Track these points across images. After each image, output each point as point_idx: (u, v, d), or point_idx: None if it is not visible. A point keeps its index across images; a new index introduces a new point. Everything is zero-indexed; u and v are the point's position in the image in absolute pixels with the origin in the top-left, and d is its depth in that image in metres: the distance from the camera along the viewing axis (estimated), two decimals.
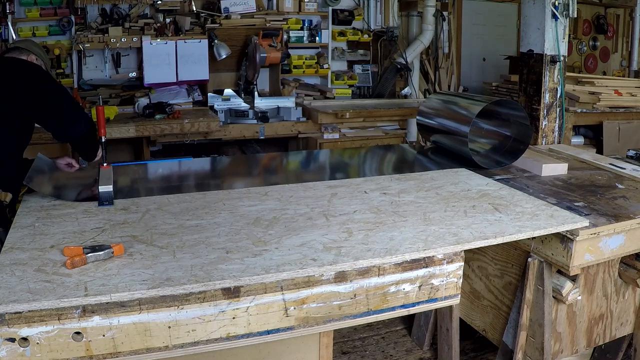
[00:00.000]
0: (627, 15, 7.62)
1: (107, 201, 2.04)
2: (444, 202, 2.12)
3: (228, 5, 4.74)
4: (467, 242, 1.76)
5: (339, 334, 2.92)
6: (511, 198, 2.19)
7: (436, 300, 1.74)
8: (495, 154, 2.86)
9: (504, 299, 2.36)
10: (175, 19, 4.61)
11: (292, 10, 5.07)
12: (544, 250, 2.09)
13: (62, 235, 1.74)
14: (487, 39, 6.85)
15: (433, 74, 6.04)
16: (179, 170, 2.90)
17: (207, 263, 1.56)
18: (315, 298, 1.56)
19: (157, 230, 1.79)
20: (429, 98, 3.39)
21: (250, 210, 1.99)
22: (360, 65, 5.58)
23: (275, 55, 4.72)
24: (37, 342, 1.34)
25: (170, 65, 4.52)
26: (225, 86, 4.90)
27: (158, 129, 4.01)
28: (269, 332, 1.54)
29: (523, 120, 2.76)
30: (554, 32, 3.08)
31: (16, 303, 1.32)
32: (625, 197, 2.30)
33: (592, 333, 2.38)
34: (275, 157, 3.59)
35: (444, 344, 2.63)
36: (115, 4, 4.47)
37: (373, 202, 2.11)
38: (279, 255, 1.62)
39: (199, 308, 1.44)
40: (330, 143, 4.47)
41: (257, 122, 4.42)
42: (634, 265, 2.28)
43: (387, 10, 5.49)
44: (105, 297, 1.37)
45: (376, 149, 3.66)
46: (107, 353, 1.40)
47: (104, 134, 2.41)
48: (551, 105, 3.20)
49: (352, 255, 1.63)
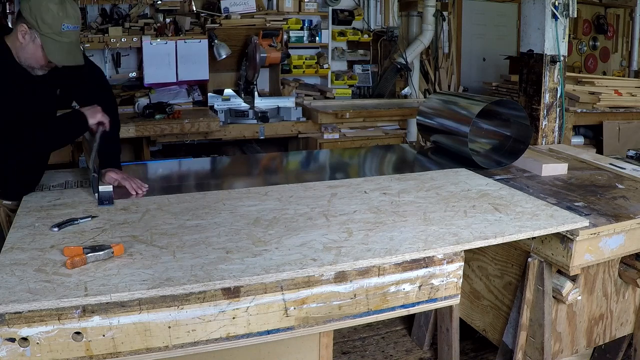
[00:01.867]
0: (627, 15, 7.62)
1: (107, 201, 2.04)
2: (444, 202, 2.12)
3: (228, 5, 4.73)
4: (467, 242, 1.76)
5: (339, 334, 2.92)
6: (511, 198, 2.19)
7: (436, 300, 1.74)
8: (495, 154, 2.86)
9: (504, 299, 2.36)
10: (175, 19, 4.60)
11: (292, 10, 5.06)
12: (544, 250, 2.09)
13: (62, 235, 1.74)
14: (487, 39, 6.85)
15: (433, 74, 6.04)
16: (179, 170, 2.91)
17: (207, 263, 1.56)
18: (315, 298, 1.56)
19: (157, 230, 1.79)
20: (429, 98, 3.39)
21: (250, 210, 1.99)
22: (360, 65, 5.58)
23: (275, 55, 4.72)
24: (37, 342, 1.34)
25: (170, 65, 4.51)
26: (225, 86, 4.90)
27: (158, 129, 4.01)
28: (269, 332, 1.54)
29: (523, 120, 2.76)
30: (554, 32, 3.08)
31: (16, 303, 1.32)
32: (625, 197, 2.30)
33: (592, 333, 2.38)
34: (275, 157, 3.59)
35: (444, 344, 2.63)
36: (115, 4, 4.46)
37: (373, 202, 2.11)
38: (279, 255, 1.62)
39: (199, 308, 1.44)
40: (330, 143, 4.47)
41: (257, 122, 4.42)
42: (634, 265, 2.28)
43: (387, 10, 5.49)
44: (105, 297, 1.37)
45: (376, 149, 3.66)
46: (107, 353, 1.40)
47: None
48: (551, 105, 3.20)
49: (352, 255, 1.63)
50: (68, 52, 1.91)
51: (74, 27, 1.89)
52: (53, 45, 1.88)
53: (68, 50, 1.91)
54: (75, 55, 1.95)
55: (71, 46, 1.91)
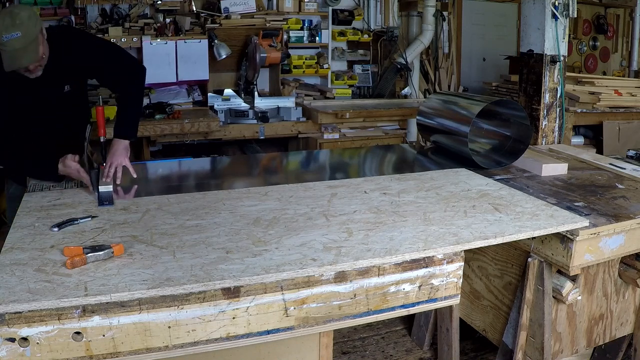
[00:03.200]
0: (627, 15, 7.62)
1: (107, 201, 2.04)
2: (444, 202, 2.12)
3: (228, 5, 4.74)
4: (467, 242, 1.76)
5: (339, 334, 2.92)
6: (511, 198, 2.19)
7: (436, 300, 1.74)
8: (495, 154, 2.86)
9: (504, 299, 2.36)
10: (175, 19, 4.61)
11: (292, 10, 5.06)
12: (544, 250, 2.09)
13: (62, 235, 1.74)
14: (487, 39, 6.85)
15: (433, 74, 6.04)
16: (179, 170, 2.91)
17: (207, 263, 1.56)
18: (315, 298, 1.56)
19: (157, 230, 1.79)
20: (429, 98, 3.39)
21: (250, 210, 1.99)
22: (360, 65, 5.58)
23: (275, 55, 4.72)
24: (37, 342, 1.34)
25: (170, 65, 4.51)
26: (225, 86, 4.90)
27: (158, 129, 4.01)
28: (269, 332, 1.54)
29: (523, 120, 2.76)
30: (554, 32, 3.08)
31: (16, 303, 1.32)
32: (625, 197, 2.30)
33: (592, 333, 2.38)
34: (275, 157, 3.59)
35: (444, 344, 2.63)
36: (115, 4, 4.46)
37: (373, 202, 2.11)
38: (279, 255, 1.62)
39: (199, 308, 1.44)
40: (330, 143, 4.47)
41: (257, 122, 4.42)
42: (634, 265, 2.28)
43: (387, 10, 5.49)
44: (105, 297, 1.37)
45: (376, 149, 3.66)
46: (107, 353, 1.40)
47: (104, 134, 2.43)
48: (551, 105, 3.20)
49: (352, 255, 1.63)
50: (11, 59, 2.07)
51: (13, 35, 2.03)
52: (3, 54, 2.07)
53: (11, 57, 2.07)
54: (23, 59, 2.09)
55: (14, 53, 2.06)
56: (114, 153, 2.33)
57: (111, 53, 2.43)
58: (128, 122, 2.42)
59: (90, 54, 2.36)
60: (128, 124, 2.42)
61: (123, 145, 2.35)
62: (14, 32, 2.02)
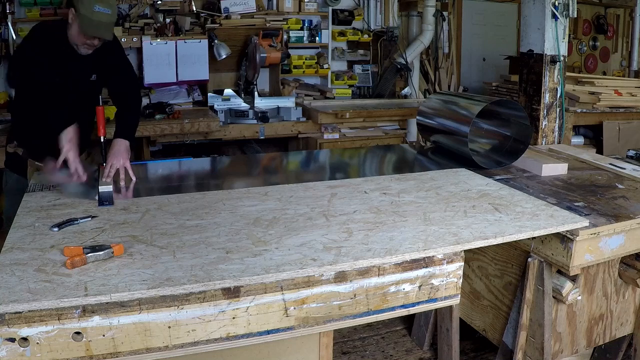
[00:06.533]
0: (627, 15, 7.62)
1: (107, 201, 2.04)
2: (444, 202, 2.12)
3: (228, 5, 4.73)
4: (467, 242, 1.76)
5: (339, 334, 2.92)
6: (511, 198, 2.19)
7: (436, 300, 1.74)
8: (495, 154, 2.86)
9: (504, 299, 2.36)
10: (175, 19, 4.60)
11: (292, 10, 5.06)
12: (544, 250, 2.09)
13: (62, 235, 1.74)
14: (487, 39, 6.85)
15: (433, 74, 6.04)
16: (179, 170, 2.91)
17: (207, 263, 1.56)
18: (315, 298, 1.56)
19: (157, 230, 1.79)
20: (429, 98, 3.39)
21: (250, 210, 1.99)
22: (360, 65, 5.57)
23: (275, 55, 4.72)
24: (37, 342, 1.34)
25: (170, 65, 4.51)
26: (225, 86, 4.89)
27: (158, 129, 4.01)
28: (269, 332, 1.54)
29: (523, 120, 2.76)
30: (554, 32, 3.08)
31: (16, 303, 1.32)
32: (625, 197, 2.30)
33: (592, 333, 2.38)
34: (275, 157, 3.59)
35: (444, 344, 2.63)
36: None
37: (373, 202, 2.11)
38: (279, 255, 1.62)
39: (199, 308, 1.44)
40: (330, 143, 4.47)
41: (257, 122, 4.42)
42: (634, 265, 2.28)
43: (387, 10, 5.48)
44: (105, 297, 1.37)
45: (376, 149, 3.66)
46: (107, 353, 1.40)
47: (104, 134, 2.42)
48: (551, 105, 3.20)
49: (352, 255, 1.63)
50: (96, 27, 2.27)
51: (104, 10, 2.25)
52: (86, 21, 2.25)
53: (97, 26, 2.26)
54: (104, 31, 2.30)
55: (100, 24, 2.26)
56: (114, 153, 2.34)
57: (127, 62, 2.67)
58: (129, 125, 2.54)
59: (116, 53, 2.55)
60: (129, 127, 2.54)
61: (124, 146, 2.38)
62: (106, 8, 2.25)
